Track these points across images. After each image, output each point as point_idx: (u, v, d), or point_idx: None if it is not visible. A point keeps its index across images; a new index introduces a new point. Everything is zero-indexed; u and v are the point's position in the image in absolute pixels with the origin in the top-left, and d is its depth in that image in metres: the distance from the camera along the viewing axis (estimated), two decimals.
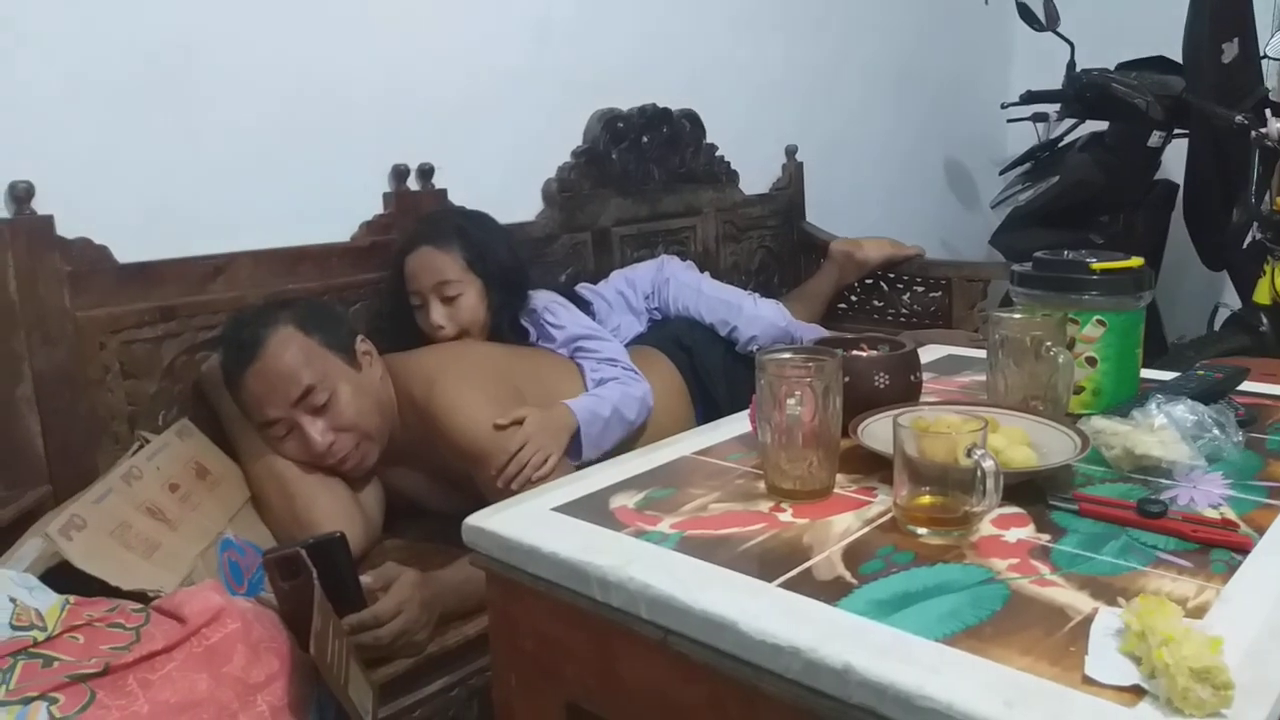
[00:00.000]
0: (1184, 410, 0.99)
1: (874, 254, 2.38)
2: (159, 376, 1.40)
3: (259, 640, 0.92)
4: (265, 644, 0.93)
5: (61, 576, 0.98)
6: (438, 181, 1.77)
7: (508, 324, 1.60)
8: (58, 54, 1.34)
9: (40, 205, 1.30)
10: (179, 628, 0.89)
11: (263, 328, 1.30)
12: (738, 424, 1.15)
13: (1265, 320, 2.15)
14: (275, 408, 1.29)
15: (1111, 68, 2.52)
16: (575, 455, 1.42)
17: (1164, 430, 0.96)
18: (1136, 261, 1.12)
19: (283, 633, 0.96)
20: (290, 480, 1.32)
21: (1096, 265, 1.10)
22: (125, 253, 1.38)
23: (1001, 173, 2.76)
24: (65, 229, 1.32)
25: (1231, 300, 2.51)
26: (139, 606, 0.92)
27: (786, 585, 0.75)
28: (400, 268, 1.59)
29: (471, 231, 1.63)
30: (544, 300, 1.66)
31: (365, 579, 1.09)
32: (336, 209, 1.66)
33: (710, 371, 1.78)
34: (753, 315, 1.87)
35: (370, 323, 1.62)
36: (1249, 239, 2.24)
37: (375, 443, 1.38)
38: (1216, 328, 2.46)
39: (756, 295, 1.97)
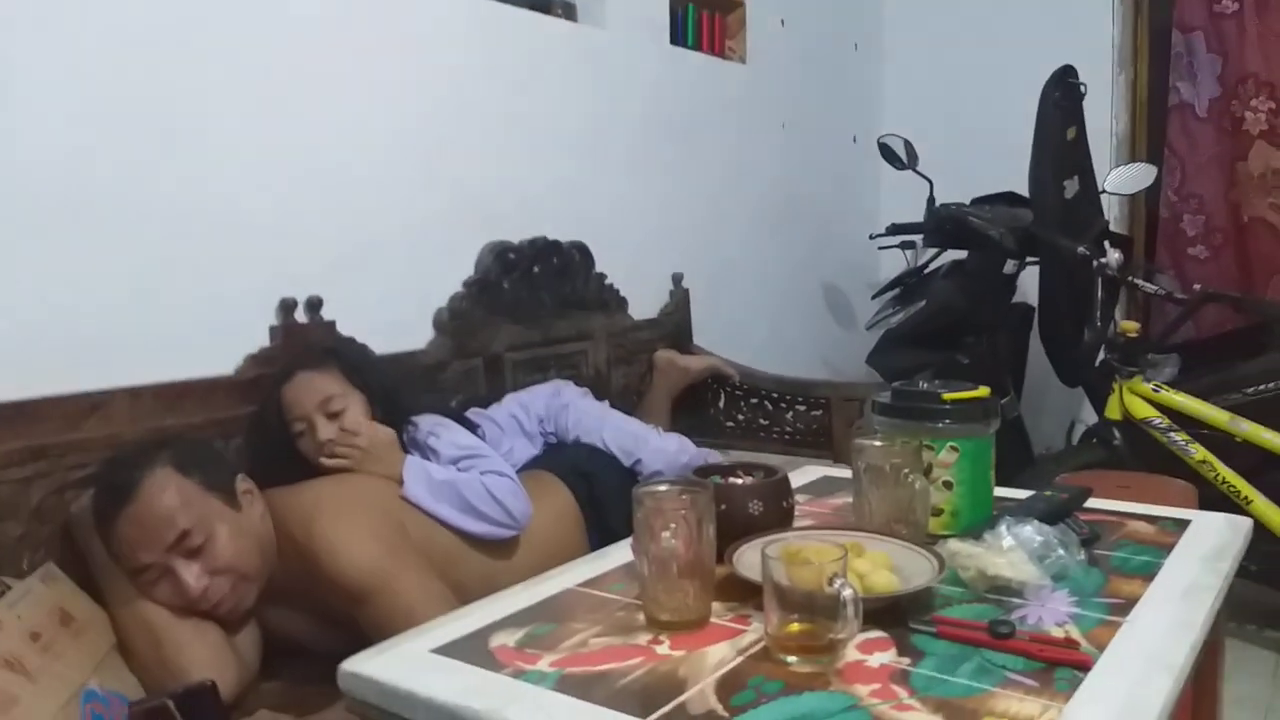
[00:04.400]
0: (1031, 531, 1.06)
1: (694, 364, 2.49)
2: (25, 519, 1.35)
3: None
4: None
5: None
6: (326, 313, 1.78)
7: None
8: None
9: None
10: None
11: (138, 469, 1.27)
12: (624, 551, 1.17)
13: (1118, 435, 2.30)
14: (148, 552, 1.25)
15: (967, 202, 2.74)
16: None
17: (1013, 551, 1.03)
18: (984, 391, 1.21)
19: None
20: (158, 625, 1.26)
21: (947, 396, 1.19)
22: None
23: (874, 297, 2.92)
24: None
25: (1089, 416, 2.68)
26: None
27: None
28: (277, 402, 1.57)
29: (344, 350, 1.67)
30: (428, 424, 1.65)
31: None
32: (220, 341, 1.64)
33: (608, 498, 1.78)
34: (658, 448, 1.91)
35: (253, 459, 1.59)
36: (1099, 359, 2.42)
37: (253, 584, 1.34)
38: (1075, 441, 2.62)
39: (659, 429, 2.02)
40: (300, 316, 1.75)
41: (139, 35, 1.52)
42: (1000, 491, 1.28)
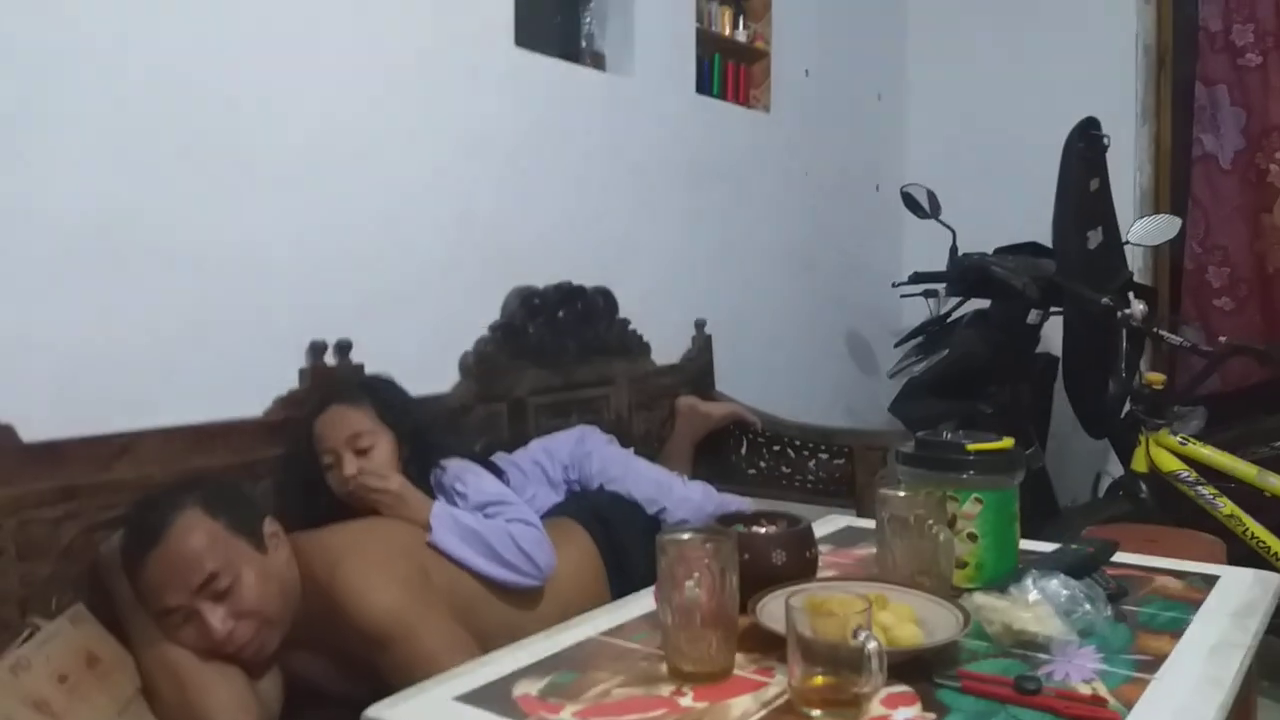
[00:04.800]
0: (1057, 585, 1.06)
1: (716, 410, 2.50)
2: (55, 558, 1.36)
3: None
4: None
5: None
6: (355, 356, 1.81)
7: (418, 477, 1.61)
8: None
9: None
10: None
11: (167, 511, 1.28)
12: (646, 599, 1.17)
13: (1144, 488, 2.28)
14: (175, 594, 1.25)
15: (990, 252, 2.74)
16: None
17: (1039, 606, 1.02)
18: (1008, 442, 1.21)
19: None
20: (183, 669, 1.27)
21: (971, 446, 1.19)
22: (32, 431, 1.37)
23: (896, 345, 2.92)
24: None
25: (1115, 468, 2.65)
26: None
27: None
28: (310, 433, 1.60)
29: (379, 388, 1.69)
30: (455, 469, 1.66)
31: None
32: (250, 384, 1.67)
33: (628, 546, 1.77)
34: (683, 497, 1.91)
35: (280, 499, 1.61)
36: (1124, 411, 2.40)
37: (277, 629, 1.34)
38: (1101, 494, 2.59)
39: (684, 477, 2.02)
40: (329, 359, 1.77)
41: (170, 82, 1.56)
42: (1025, 544, 1.27)
